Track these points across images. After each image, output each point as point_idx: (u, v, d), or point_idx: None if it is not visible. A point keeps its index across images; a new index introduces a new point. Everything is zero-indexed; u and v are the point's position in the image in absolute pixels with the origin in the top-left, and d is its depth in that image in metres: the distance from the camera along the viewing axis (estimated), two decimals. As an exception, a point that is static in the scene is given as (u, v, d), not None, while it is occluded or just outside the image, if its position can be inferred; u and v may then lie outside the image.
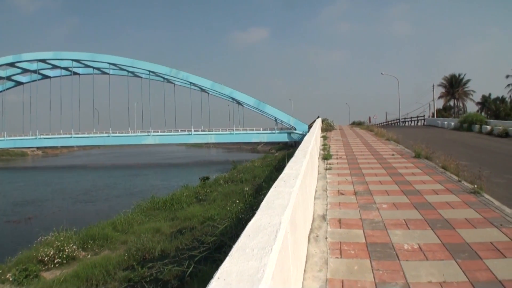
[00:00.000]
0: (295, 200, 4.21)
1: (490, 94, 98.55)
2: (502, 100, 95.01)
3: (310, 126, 36.15)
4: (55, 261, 12.18)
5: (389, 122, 75.96)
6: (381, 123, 72.46)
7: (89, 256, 12.96)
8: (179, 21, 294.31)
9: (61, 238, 13.24)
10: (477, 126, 34.79)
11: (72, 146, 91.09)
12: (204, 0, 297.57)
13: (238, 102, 68.61)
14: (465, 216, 7.48)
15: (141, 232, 14.28)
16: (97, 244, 13.93)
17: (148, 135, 67.04)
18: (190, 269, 8.66)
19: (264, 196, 4.16)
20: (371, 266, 5.14)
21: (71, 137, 67.40)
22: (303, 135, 24.93)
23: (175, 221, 16.01)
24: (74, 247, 12.94)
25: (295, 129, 65.28)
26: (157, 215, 17.60)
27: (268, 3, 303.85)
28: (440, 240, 6.10)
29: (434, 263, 5.25)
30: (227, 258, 2.41)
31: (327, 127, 36.65)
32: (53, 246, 12.68)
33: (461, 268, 5.06)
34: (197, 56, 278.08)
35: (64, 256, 12.38)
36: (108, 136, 67.41)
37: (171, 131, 69.07)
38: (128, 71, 70.57)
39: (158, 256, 11.59)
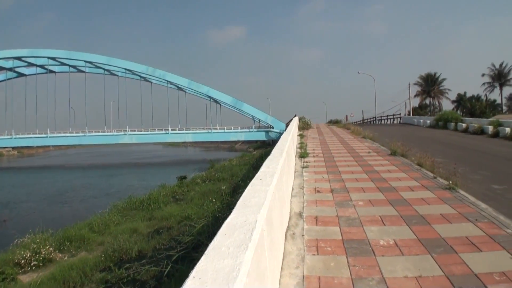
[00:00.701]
0: (271, 198, 4.23)
1: (465, 93, 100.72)
2: (478, 98, 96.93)
3: (287, 125, 36.31)
4: (32, 264, 11.98)
5: (366, 120, 76.60)
6: (358, 121, 73.01)
7: (66, 258, 12.81)
8: (156, 19, 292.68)
9: (38, 240, 13.05)
10: (452, 124, 35.27)
11: (48, 146, 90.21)
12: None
13: (216, 101, 68.43)
14: (440, 211, 7.57)
15: (118, 232, 14.18)
16: (74, 245, 13.77)
17: (125, 134, 66.49)
18: (168, 269, 8.62)
19: (241, 195, 4.16)
20: (348, 262, 5.16)
21: (47, 137, 66.49)
22: (281, 134, 25.00)
23: (152, 221, 15.93)
24: (51, 249, 12.76)
25: (273, 128, 65.37)
26: (134, 215, 17.46)
27: (245, 2, 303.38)
28: (416, 236, 6.16)
29: (409, 258, 5.31)
30: (203, 257, 2.41)
31: (304, 126, 36.77)
32: (30, 248, 12.49)
33: (436, 263, 5.13)
34: (174, 55, 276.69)
35: (41, 258, 12.19)
36: (85, 136, 66.49)
37: (148, 130, 68.63)
38: (104, 69, 69.67)
39: (135, 256, 11.51)
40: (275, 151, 8.75)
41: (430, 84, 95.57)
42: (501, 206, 8.57)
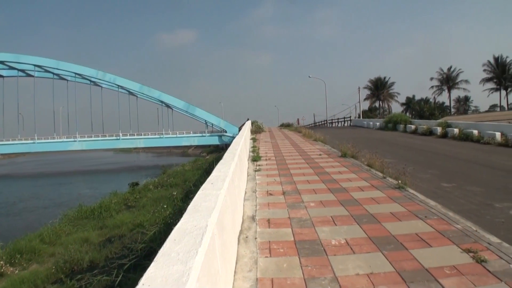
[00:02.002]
0: (222, 202, 4.21)
1: (414, 96, 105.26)
2: (426, 101, 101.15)
3: (240, 129, 36.40)
4: (-18, 279, 11.63)
5: (317, 124, 77.60)
6: (310, 125, 73.86)
7: (17, 271, 12.48)
8: (105, 21, 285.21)
9: (-14, 255, 12.67)
10: (401, 126, 36.31)
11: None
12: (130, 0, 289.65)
13: (167, 105, 67.98)
14: (390, 210, 7.74)
15: (69, 243, 13.90)
16: (25, 258, 13.43)
17: (75, 141, 64.94)
18: (119, 278, 8.47)
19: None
20: (300, 263, 5.20)
21: (-7, 145, 64.18)
22: (234, 138, 25.04)
23: (104, 230, 15.67)
24: (1, 262, 12.42)
25: (226, 132, 65.50)
26: (86, 225, 17.12)
27: (195, 5, 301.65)
28: (366, 234, 6.29)
29: (361, 256, 5.40)
30: (152, 264, 2.38)
31: (256, 129, 36.89)
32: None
33: (387, 259, 5.24)
34: (125, 58, 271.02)
35: (-9, 273, 11.85)
36: (34, 143, 64.35)
37: (98, 136, 67.18)
38: (54, 73, 67.35)
39: (87, 267, 11.31)
40: (227, 155, 8.74)
41: (379, 88, 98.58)
42: (450, 203, 8.90)
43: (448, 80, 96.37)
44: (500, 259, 5.19)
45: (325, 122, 70.60)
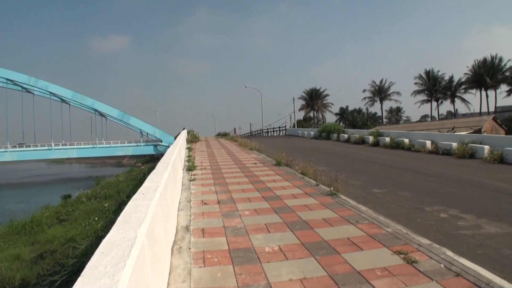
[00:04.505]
0: (153, 212, 4.15)
1: (347, 106, 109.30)
2: (359, 111, 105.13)
3: (176, 138, 36.15)
4: None
5: (253, 133, 78.01)
6: (246, 134, 74.15)
7: None
8: (35, 23, 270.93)
9: None
10: (335, 135, 37.21)
11: None
12: (62, 2, 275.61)
13: (101, 114, 66.63)
14: (322, 216, 7.91)
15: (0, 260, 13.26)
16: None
17: (6, 151, 62.14)
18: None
19: (124, 211, 4.06)
20: (234, 271, 5.19)
21: None
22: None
23: (36, 245, 15.05)
24: None
25: (162, 141, 64.98)
26: (17, 240, 16.38)
27: (128, 10, 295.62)
28: (300, 240, 6.37)
29: (294, 262, 5.47)
30: (79, 279, 2.31)
31: (192, 139, 36.68)
32: None
33: (320, 264, 5.34)
34: (56, 63, 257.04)
35: None
36: (-42, 155, 61.27)
37: (30, 146, 64.66)
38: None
39: (18, 285, 10.88)
40: (160, 165, 8.63)
41: (314, 98, 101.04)
42: (381, 207, 9.18)
43: (380, 92, 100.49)
44: (431, 259, 5.41)
45: (261, 131, 71.29)
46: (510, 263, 5.87)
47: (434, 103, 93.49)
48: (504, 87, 79.12)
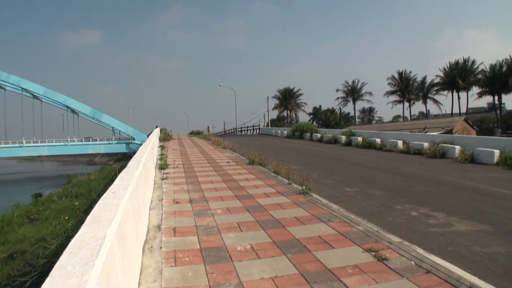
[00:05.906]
0: (123, 211, 4.11)
1: (320, 106, 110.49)
2: (332, 111, 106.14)
3: (149, 136, 35.90)
4: None
5: (227, 132, 78.02)
6: (219, 132, 74.03)
7: None
8: (4, 16, 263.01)
9: None
10: (308, 134, 37.34)
11: None
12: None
13: (73, 111, 65.64)
14: (294, 215, 7.95)
15: (-32, 262, 12.98)
16: None
17: (-25, 149, 60.57)
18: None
19: (94, 210, 4.01)
20: (205, 270, 5.18)
21: None
22: (142, 146, 24.68)
23: (6, 246, 14.74)
24: None
25: (134, 139, 64.38)
26: (-14, 241, 16.08)
27: (101, 4, 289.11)
28: (271, 239, 6.39)
29: (265, 260, 5.48)
30: (47, 279, 2.28)
31: (165, 137, 36.45)
32: None
33: (291, 262, 5.37)
34: (26, 58, 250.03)
35: None
36: None
37: (0, 143, 63.35)
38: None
39: (-13, 287, 10.64)
40: (131, 163, 8.54)
41: (287, 98, 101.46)
42: (352, 206, 9.26)
43: (353, 92, 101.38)
44: (401, 257, 5.49)
45: (235, 130, 71.24)
46: (480, 260, 5.99)
47: (406, 104, 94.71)
48: (475, 89, 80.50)
